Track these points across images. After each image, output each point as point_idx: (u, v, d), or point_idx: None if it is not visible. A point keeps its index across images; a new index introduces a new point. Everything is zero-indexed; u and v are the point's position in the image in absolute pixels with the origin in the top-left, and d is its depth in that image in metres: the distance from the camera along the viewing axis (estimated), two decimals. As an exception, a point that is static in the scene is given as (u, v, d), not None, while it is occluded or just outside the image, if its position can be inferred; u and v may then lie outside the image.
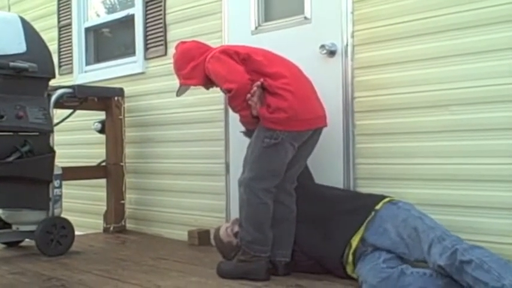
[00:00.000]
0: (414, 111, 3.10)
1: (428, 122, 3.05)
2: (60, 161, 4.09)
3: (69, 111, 4.61)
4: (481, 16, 2.86)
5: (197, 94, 3.70)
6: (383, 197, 3.05)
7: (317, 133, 3.17)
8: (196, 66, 3.26)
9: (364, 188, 3.28)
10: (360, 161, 3.33)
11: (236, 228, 3.23)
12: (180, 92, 3.46)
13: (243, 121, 3.22)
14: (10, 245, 4.17)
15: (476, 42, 2.88)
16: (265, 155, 3.04)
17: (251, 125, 3.17)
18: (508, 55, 2.78)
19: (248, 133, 3.26)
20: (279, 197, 3.12)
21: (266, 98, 3.03)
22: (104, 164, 4.77)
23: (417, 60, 3.09)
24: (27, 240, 4.11)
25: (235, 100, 3.06)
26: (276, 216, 3.10)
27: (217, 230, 3.42)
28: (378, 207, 2.98)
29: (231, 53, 3.12)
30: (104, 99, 4.67)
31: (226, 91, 3.09)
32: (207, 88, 3.44)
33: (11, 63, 3.61)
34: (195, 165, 4.30)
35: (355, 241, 2.94)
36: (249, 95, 3.00)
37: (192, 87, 3.48)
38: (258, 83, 3.00)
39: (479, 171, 2.88)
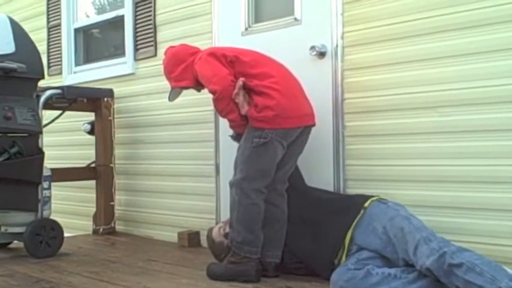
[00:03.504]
0: (404, 113, 3.12)
1: (417, 124, 3.06)
2: (49, 163, 4.07)
3: (58, 112, 4.59)
4: (470, 18, 2.88)
5: (187, 95, 3.69)
6: (371, 196, 3.06)
7: (306, 132, 3.18)
8: (187, 68, 3.28)
9: (354, 190, 3.29)
10: (350, 163, 3.34)
11: (227, 229, 3.22)
12: (172, 97, 3.46)
13: (232, 125, 3.22)
14: (-1, 246, 4.14)
15: (465, 44, 2.90)
16: (255, 155, 3.04)
17: (240, 128, 3.17)
18: (497, 57, 2.80)
19: (237, 137, 3.25)
20: (270, 198, 3.12)
21: (253, 99, 3.05)
22: (93, 165, 4.75)
23: (406, 62, 3.10)
24: (15, 242, 4.08)
25: (221, 103, 3.08)
26: (267, 217, 3.10)
27: (210, 229, 3.41)
28: (366, 204, 2.99)
29: (218, 56, 3.13)
30: (93, 100, 4.65)
31: (211, 92, 3.11)
32: (198, 90, 3.45)
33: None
34: (185, 167, 4.29)
35: (347, 241, 2.94)
36: (235, 91, 3.02)
37: (183, 91, 3.48)
38: (240, 81, 3.03)
39: (469, 173, 2.89)
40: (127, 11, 4.77)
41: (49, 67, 5.46)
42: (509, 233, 2.75)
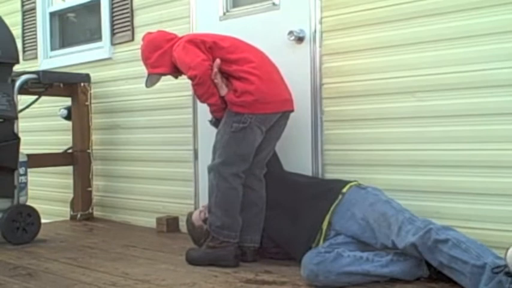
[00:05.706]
0: (382, 98, 3.13)
1: (395, 108, 3.08)
2: (26, 148, 4.02)
3: (34, 97, 4.53)
4: (448, 3, 2.89)
5: (165, 80, 3.67)
6: (350, 181, 3.07)
7: (284, 117, 3.19)
8: (163, 54, 3.26)
9: (333, 174, 3.31)
10: (328, 147, 3.35)
11: (208, 214, 3.22)
12: (149, 83, 3.43)
13: (212, 110, 3.21)
14: (-26, 233, 4.10)
15: (442, 30, 2.91)
16: (234, 139, 3.05)
17: (221, 112, 3.16)
18: (474, 42, 2.81)
19: (215, 123, 3.25)
20: (248, 182, 3.13)
21: (233, 83, 3.06)
22: (70, 151, 4.71)
23: (385, 47, 3.11)
24: (-9, 228, 4.05)
25: (201, 88, 3.07)
26: (245, 202, 3.12)
27: (190, 214, 3.41)
28: (344, 190, 3.00)
29: (197, 42, 3.12)
30: (69, 85, 4.59)
31: (191, 78, 3.09)
32: (175, 77, 3.44)
33: (-27, 49, 3.54)
34: (164, 152, 4.27)
35: (325, 225, 2.95)
36: (214, 71, 3.02)
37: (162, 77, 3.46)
38: (218, 60, 3.04)
39: (446, 157, 2.92)
40: (103, -5, 4.71)
41: (24, 51, 5.38)
42: (486, 217, 2.79)
